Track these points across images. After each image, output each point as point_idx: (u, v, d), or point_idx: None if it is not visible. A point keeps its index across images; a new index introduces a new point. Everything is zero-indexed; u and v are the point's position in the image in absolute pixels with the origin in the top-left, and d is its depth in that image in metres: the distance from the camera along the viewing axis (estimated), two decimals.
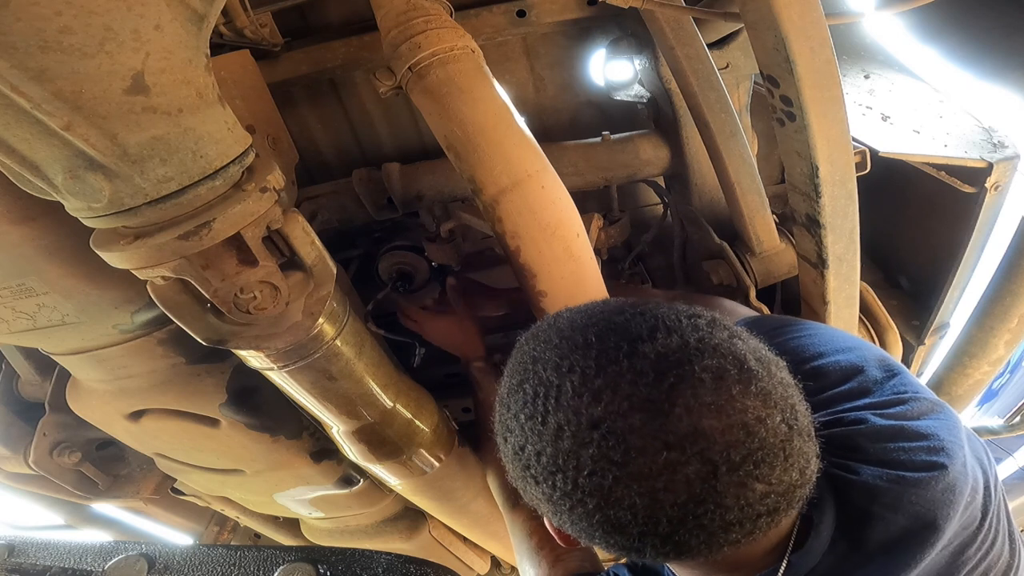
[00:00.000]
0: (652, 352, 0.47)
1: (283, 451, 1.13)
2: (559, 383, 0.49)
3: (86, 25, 0.45)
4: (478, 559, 1.81)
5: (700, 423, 0.44)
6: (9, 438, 1.32)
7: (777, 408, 0.47)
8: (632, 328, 0.50)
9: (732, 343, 0.49)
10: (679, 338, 0.48)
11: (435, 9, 0.86)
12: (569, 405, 0.47)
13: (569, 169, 1.25)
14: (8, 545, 0.79)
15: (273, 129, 1.02)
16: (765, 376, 0.48)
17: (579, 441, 0.46)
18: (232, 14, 0.99)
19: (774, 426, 0.46)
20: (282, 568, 0.72)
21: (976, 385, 1.39)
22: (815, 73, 0.77)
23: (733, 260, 1.22)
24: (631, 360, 0.47)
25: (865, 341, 0.75)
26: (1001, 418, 1.65)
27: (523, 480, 0.52)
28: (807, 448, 0.49)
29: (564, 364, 0.49)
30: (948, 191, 1.16)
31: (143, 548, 0.77)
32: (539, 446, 0.49)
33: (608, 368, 0.47)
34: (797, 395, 0.51)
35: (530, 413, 0.50)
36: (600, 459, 0.45)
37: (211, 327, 0.71)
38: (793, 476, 0.48)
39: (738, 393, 0.46)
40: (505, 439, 0.54)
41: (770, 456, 0.46)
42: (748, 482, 0.45)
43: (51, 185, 0.52)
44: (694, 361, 0.46)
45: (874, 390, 0.65)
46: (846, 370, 0.68)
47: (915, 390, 0.64)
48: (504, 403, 0.55)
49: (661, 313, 0.51)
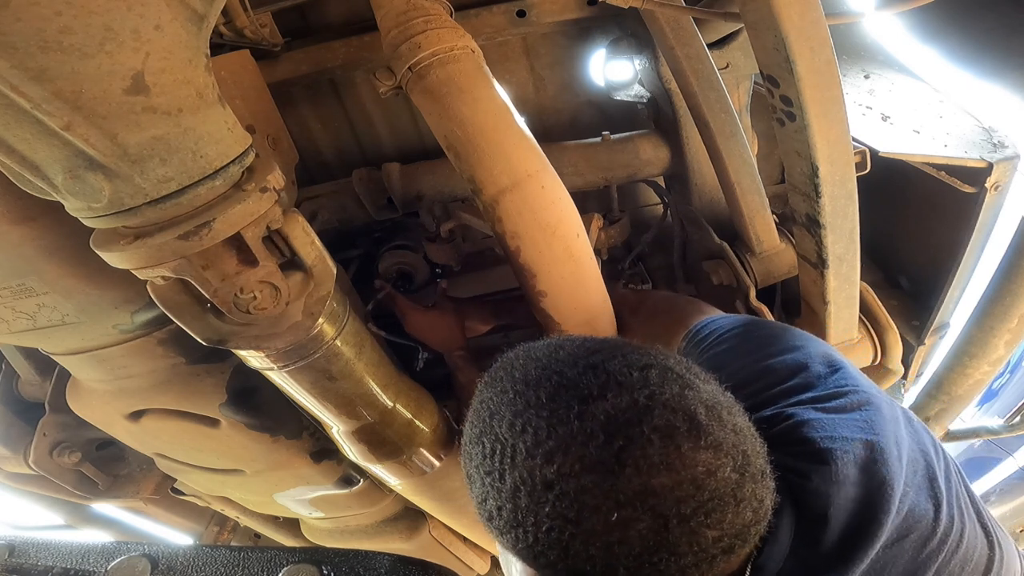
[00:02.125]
0: (601, 413, 0.48)
1: (283, 451, 1.13)
2: (513, 442, 0.50)
3: (86, 25, 0.45)
4: (478, 559, 1.81)
5: (650, 482, 0.46)
6: (9, 438, 1.32)
7: (728, 457, 0.48)
8: (582, 385, 0.50)
9: (683, 396, 0.50)
10: (628, 397, 0.49)
11: (435, 9, 0.86)
12: (523, 465, 0.48)
13: (569, 169, 1.26)
14: (8, 545, 0.78)
15: (273, 129, 1.02)
16: (716, 427, 0.49)
17: (535, 500, 0.47)
18: (232, 14, 0.99)
19: (724, 476, 0.47)
20: (286, 569, 0.71)
21: (976, 385, 1.39)
22: (815, 73, 0.77)
23: (733, 260, 1.22)
24: (581, 422, 0.48)
25: (814, 337, 0.77)
26: (1001, 418, 1.64)
27: (488, 527, 0.53)
28: (760, 489, 0.50)
29: (517, 423, 0.50)
30: (948, 191, 1.16)
31: (146, 548, 0.76)
32: (499, 502, 0.50)
33: (559, 429, 0.48)
34: (750, 438, 0.52)
35: (488, 469, 0.51)
36: (556, 517, 0.47)
37: (211, 327, 0.71)
38: (746, 518, 0.49)
39: (688, 449, 0.47)
40: (470, 487, 0.55)
41: (721, 504, 0.47)
42: (700, 530, 0.46)
43: (51, 185, 0.52)
44: (643, 421, 0.47)
45: (817, 385, 0.67)
46: (791, 367, 0.70)
47: (854, 384, 0.66)
48: (467, 452, 0.56)
49: (612, 368, 0.52)
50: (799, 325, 1.17)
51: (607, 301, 1.02)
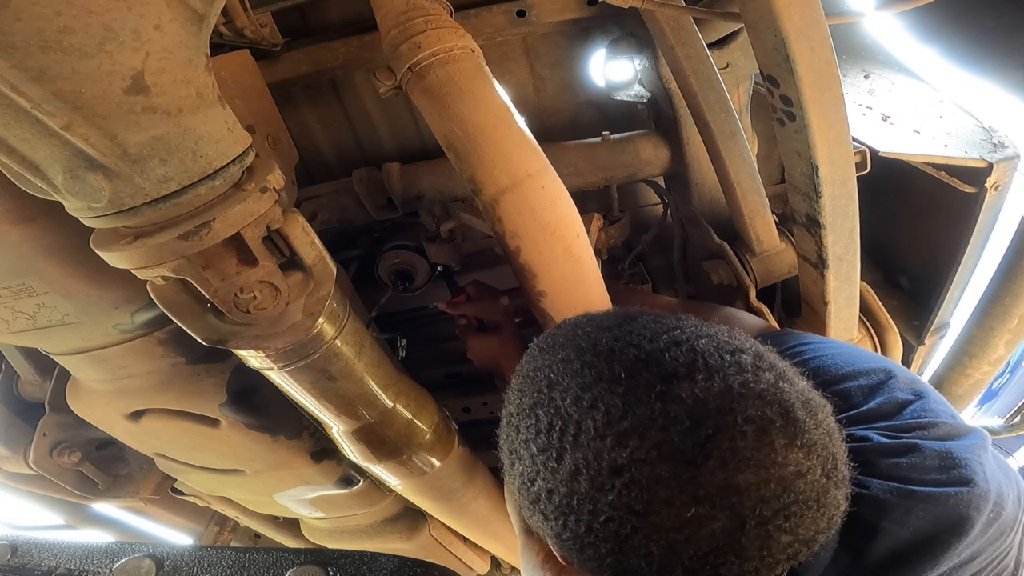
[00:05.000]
0: (689, 396, 0.43)
1: (283, 451, 1.13)
2: (579, 419, 0.44)
3: (86, 25, 0.45)
4: (478, 559, 1.81)
5: (735, 478, 0.41)
6: (9, 438, 1.32)
7: (819, 460, 0.44)
8: (667, 363, 0.45)
9: (779, 387, 0.45)
10: (721, 382, 0.43)
11: (435, 9, 0.86)
12: (589, 446, 0.43)
13: (569, 169, 1.25)
14: (11, 545, 0.78)
15: (273, 129, 1.02)
16: (811, 426, 0.44)
17: (597, 486, 0.43)
18: (232, 14, 0.99)
19: (813, 480, 0.43)
20: (292, 571, 0.71)
21: (976, 385, 1.39)
22: (815, 73, 0.76)
23: (733, 260, 1.22)
24: (664, 403, 0.42)
25: (889, 360, 0.71)
26: (1001, 418, 1.64)
27: (531, 512, 0.49)
28: (840, 496, 0.46)
29: (586, 397, 0.45)
30: (948, 191, 1.16)
31: (150, 549, 0.76)
32: (552, 484, 0.45)
33: (637, 409, 0.43)
34: (839, 442, 0.47)
35: (543, 445, 0.46)
36: (619, 507, 0.42)
37: (211, 327, 0.71)
38: (821, 525, 0.45)
39: (781, 447, 0.42)
40: (512, 464, 0.50)
41: (803, 509, 0.43)
42: (775, 534, 0.42)
43: (51, 185, 0.52)
44: (736, 411, 0.42)
45: (895, 413, 0.62)
46: (867, 393, 0.65)
47: (934, 416, 0.61)
48: (512, 423, 0.51)
49: (701, 347, 0.46)
50: (799, 325, 1.18)
51: (607, 301, 1.02)
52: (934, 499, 0.52)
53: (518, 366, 0.56)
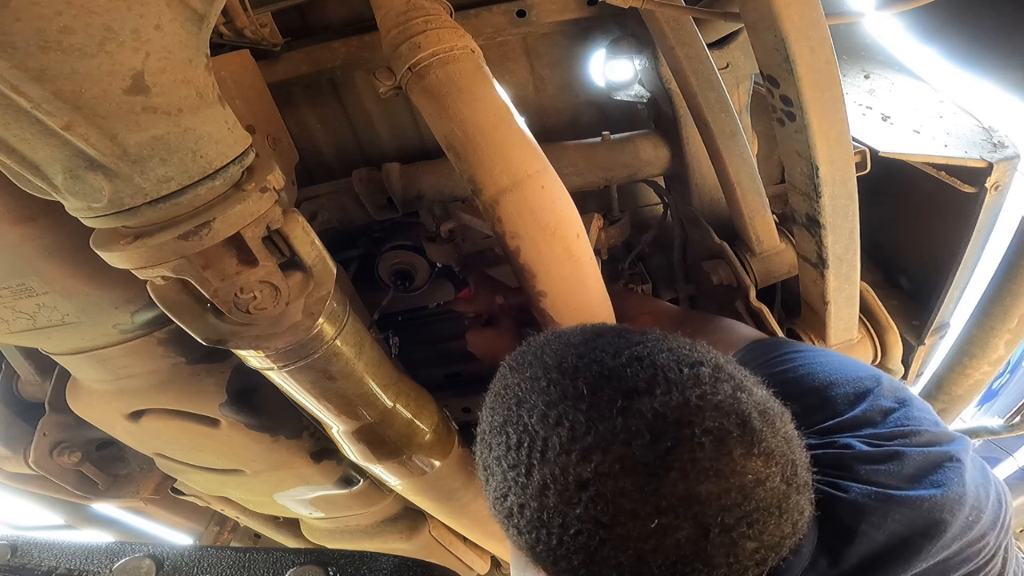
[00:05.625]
0: (649, 410, 0.44)
1: (283, 451, 1.13)
2: (546, 435, 0.46)
3: (86, 25, 0.45)
4: (478, 559, 1.81)
5: (696, 488, 0.42)
6: (9, 438, 1.32)
7: (778, 466, 0.45)
8: (627, 378, 0.46)
9: (736, 399, 0.46)
10: (679, 395, 0.45)
11: (435, 9, 0.86)
12: (556, 461, 0.44)
13: (569, 169, 1.25)
14: (11, 545, 0.78)
15: (273, 129, 1.02)
16: (769, 434, 0.45)
17: (565, 500, 0.44)
18: (232, 14, 0.99)
19: (773, 486, 0.45)
20: (292, 571, 0.71)
21: (976, 385, 1.39)
22: (815, 73, 0.76)
23: (733, 260, 1.22)
24: (625, 418, 0.44)
25: (876, 369, 0.72)
26: (1001, 418, 1.64)
27: (505, 526, 0.50)
28: (802, 501, 0.48)
29: (551, 414, 0.46)
30: (948, 191, 1.16)
31: (150, 549, 0.76)
32: (523, 499, 0.46)
33: (600, 425, 0.44)
34: (798, 448, 0.49)
35: (513, 462, 0.47)
36: (587, 520, 0.43)
37: (211, 327, 0.71)
38: (785, 530, 0.46)
39: (739, 456, 0.44)
40: (486, 480, 0.52)
41: (765, 515, 0.44)
42: (740, 541, 0.44)
43: (51, 185, 0.52)
44: (694, 423, 0.43)
45: (879, 421, 0.63)
46: (852, 400, 0.66)
47: (917, 424, 0.62)
48: (485, 441, 0.52)
49: (661, 361, 0.48)
50: (799, 325, 1.18)
51: (607, 301, 1.02)
52: (910, 503, 0.53)
53: (491, 384, 0.57)
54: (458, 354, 1.76)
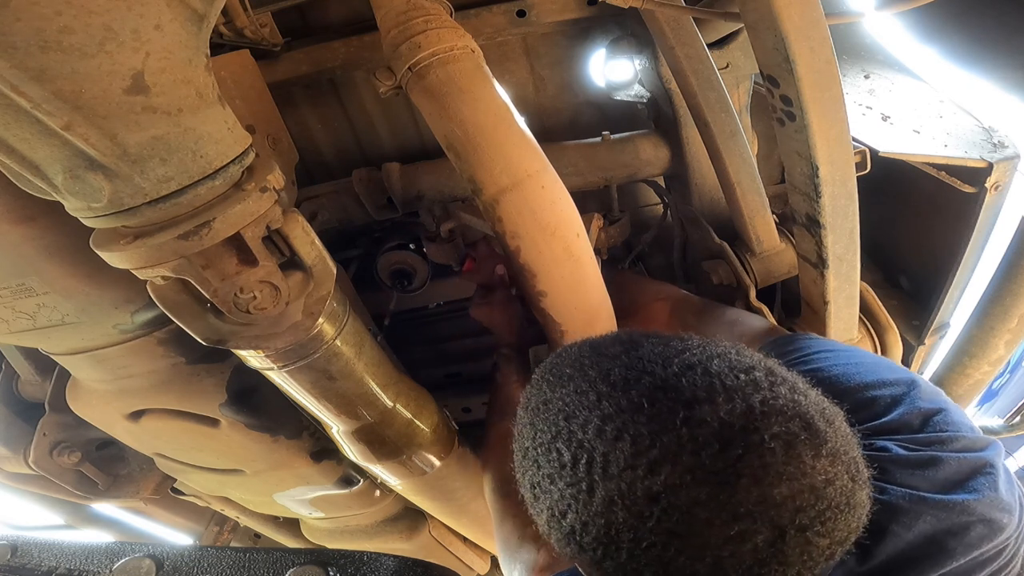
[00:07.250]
0: (714, 419, 0.44)
1: (283, 451, 1.13)
2: (605, 451, 0.45)
3: (86, 25, 0.45)
4: (478, 559, 1.81)
5: (770, 492, 0.43)
6: (9, 438, 1.32)
7: (843, 465, 0.46)
8: (684, 387, 0.46)
9: (796, 401, 0.46)
10: (742, 402, 0.45)
11: (435, 9, 0.86)
12: (621, 476, 0.44)
13: (569, 169, 1.25)
14: (11, 545, 0.78)
15: (273, 129, 1.02)
16: (831, 434, 0.46)
17: (636, 514, 0.44)
18: (232, 14, 0.99)
19: (841, 484, 0.45)
20: (292, 571, 0.71)
21: (976, 385, 1.39)
22: (815, 73, 0.76)
23: (733, 260, 1.22)
24: (690, 428, 0.44)
25: (911, 372, 0.72)
26: (1001, 418, 1.64)
27: (564, 544, 0.49)
28: (864, 496, 0.48)
29: (609, 429, 0.46)
30: (948, 191, 1.16)
31: (150, 549, 0.76)
32: (585, 516, 0.46)
33: (664, 437, 0.44)
34: (856, 445, 0.49)
35: (571, 480, 0.47)
36: (661, 532, 0.43)
37: (211, 327, 0.71)
38: (852, 525, 0.47)
39: (809, 458, 0.44)
40: (536, 498, 0.51)
41: (836, 513, 0.45)
42: (814, 540, 0.44)
43: (51, 185, 0.52)
44: (761, 429, 0.44)
45: (917, 425, 0.63)
46: (889, 404, 0.66)
47: (955, 429, 0.62)
48: (530, 457, 0.51)
49: (715, 368, 0.47)
50: (799, 325, 1.18)
51: (607, 301, 1.02)
52: (943, 506, 0.55)
53: (523, 398, 0.57)
54: (458, 354, 1.76)
